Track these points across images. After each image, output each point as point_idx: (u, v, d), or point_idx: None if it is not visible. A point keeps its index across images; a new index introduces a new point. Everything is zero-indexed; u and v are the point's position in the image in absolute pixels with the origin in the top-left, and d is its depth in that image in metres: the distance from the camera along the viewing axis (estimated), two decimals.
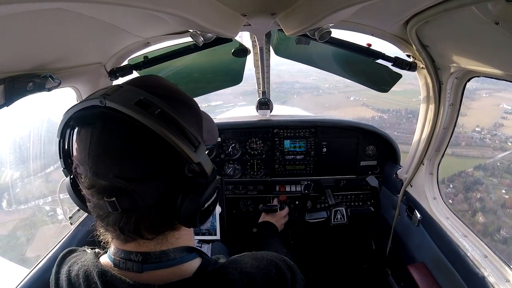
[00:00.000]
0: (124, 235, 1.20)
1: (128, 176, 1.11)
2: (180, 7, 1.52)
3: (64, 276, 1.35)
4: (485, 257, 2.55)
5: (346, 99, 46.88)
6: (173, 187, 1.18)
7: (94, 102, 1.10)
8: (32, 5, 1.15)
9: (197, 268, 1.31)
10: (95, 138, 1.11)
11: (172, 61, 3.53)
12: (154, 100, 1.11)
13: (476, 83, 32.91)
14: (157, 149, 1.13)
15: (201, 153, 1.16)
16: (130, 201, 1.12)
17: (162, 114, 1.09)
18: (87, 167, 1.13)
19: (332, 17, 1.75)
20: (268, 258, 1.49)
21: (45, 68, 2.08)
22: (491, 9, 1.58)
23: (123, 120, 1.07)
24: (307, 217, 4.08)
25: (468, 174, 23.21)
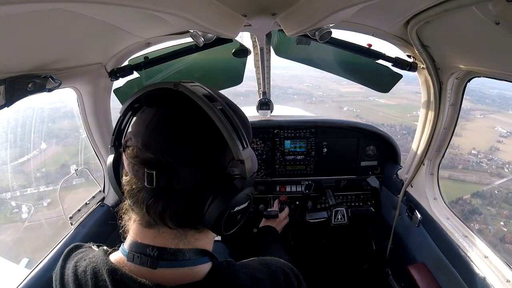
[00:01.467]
0: (149, 216, 1.22)
1: (175, 153, 1.16)
2: (181, 7, 1.52)
3: (70, 271, 1.34)
4: (485, 258, 2.55)
5: (339, 109, 46.48)
6: (210, 180, 1.20)
7: (167, 85, 1.22)
8: (32, 5, 1.15)
9: (208, 272, 1.30)
10: (158, 115, 1.22)
11: (172, 62, 3.54)
12: (218, 98, 1.21)
13: (470, 103, 32.70)
14: (209, 138, 1.20)
15: (247, 154, 1.19)
16: (167, 179, 1.16)
17: (223, 110, 1.17)
18: (140, 138, 1.20)
19: (332, 17, 1.75)
20: (277, 265, 1.49)
21: (45, 68, 2.08)
22: (492, 9, 1.58)
23: (189, 105, 1.18)
24: (308, 217, 4.08)
25: (466, 201, 23.01)
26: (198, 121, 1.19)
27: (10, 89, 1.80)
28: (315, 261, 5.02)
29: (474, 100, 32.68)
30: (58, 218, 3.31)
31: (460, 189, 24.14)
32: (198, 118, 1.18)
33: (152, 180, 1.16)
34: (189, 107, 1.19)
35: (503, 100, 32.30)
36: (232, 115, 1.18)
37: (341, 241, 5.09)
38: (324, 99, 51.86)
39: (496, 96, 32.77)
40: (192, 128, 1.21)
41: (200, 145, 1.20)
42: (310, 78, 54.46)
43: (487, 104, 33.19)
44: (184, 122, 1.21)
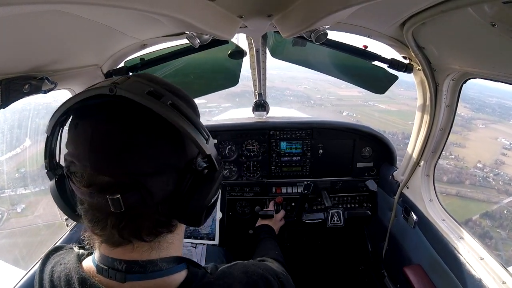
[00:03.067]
0: (123, 238, 1.13)
1: (136, 170, 1.04)
2: (177, 9, 1.52)
3: (47, 276, 1.30)
4: (481, 259, 2.55)
5: (338, 113, 45.86)
6: (182, 182, 1.13)
7: (101, 91, 1.04)
8: (28, 7, 1.15)
9: (181, 283, 1.24)
10: (98, 130, 1.03)
11: (168, 63, 3.54)
12: (164, 91, 1.09)
13: (471, 112, 32.44)
14: (167, 141, 1.09)
15: (211, 145, 1.15)
16: (138, 197, 1.05)
17: (174, 105, 1.07)
18: (85, 162, 1.03)
19: (328, 18, 1.75)
20: (259, 273, 1.45)
21: (41, 70, 2.07)
22: (488, 10, 1.59)
23: (133, 108, 1.03)
24: (305, 218, 4.09)
25: (475, 223, 22.42)
26: (150, 123, 1.06)
27: (6, 90, 1.79)
28: (311, 262, 5.02)
29: (475, 109, 32.57)
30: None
31: (468, 208, 23.49)
32: (148, 121, 1.05)
33: (120, 204, 1.02)
34: (134, 110, 1.04)
35: (503, 110, 32.20)
36: (185, 108, 1.10)
37: (337, 243, 5.09)
38: (323, 102, 51.00)
39: (496, 105, 32.65)
40: (144, 134, 1.06)
41: (160, 150, 1.08)
42: (308, 80, 53.79)
43: (487, 113, 32.97)
44: (134, 129, 1.05)
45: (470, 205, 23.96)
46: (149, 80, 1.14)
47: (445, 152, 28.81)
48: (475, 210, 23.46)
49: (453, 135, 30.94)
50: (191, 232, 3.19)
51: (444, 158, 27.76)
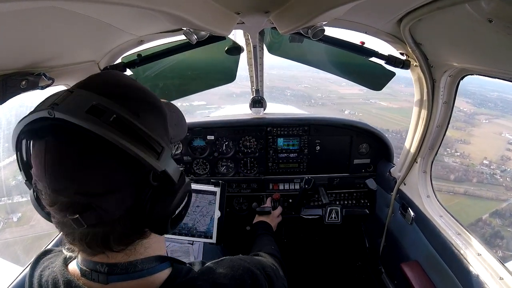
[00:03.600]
0: (91, 250, 1.15)
1: (88, 191, 1.03)
2: (174, 5, 1.52)
3: (36, 280, 1.32)
4: (478, 255, 2.56)
5: (340, 112, 45.16)
6: (140, 197, 1.11)
7: (42, 114, 1.01)
8: (25, 3, 1.14)
9: (164, 280, 1.26)
10: (49, 153, 1.02)
11: (165, 59, 3.54)
12: (109, 104, 1.04)
13: (473, 107, 32.15)
14: (116, 160, 1.04)
15: (165, 159, 1.10)
16: (95, 216, 1.05)
17: (118, 121, 1.02)
18: (45, 183, 1.04)
19: (325, 15, 1.75)
20: (245, 267, 1.46)
21: (38, 66, 2.07)
22: (485, 6, 1.58)
23: (75, 131, 0.99)
24: (303, 213, 4.11)
25: (485, 222, 21.98)
26: (95, 144, 1.01)
27: (3, 86, 1.79)
28: (308, 258, 5.04)
29: (477, 104, 32.41)
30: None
31: (477, 207, 23.20)
32: (94, 141, 1.00)
33: (80, 222, 1.04)
34: (77, 131, 0.99)
35: (505, 104, 32.06)
36: (132, 121, 1.05)
37: (334, 239, 5.10)
38: (324, 101, 50.69)
39: (498, 99, 32.49)
40: (91, 155, 1.03)
41: (109, 171, 1.05)
42: (308, 79, 53.44)
43: (490, 108, 32.80)
44: (80, 151, 1.02)
45: (479, 204, 23.80)
46: (97, 88, 1.12)
47: (451, 150, 28.39)
48: (484, 209, 23.26)
49: (457, 132, 30.57)
50: (189, 229, 3.19)
51: (450, 155, 27.35)
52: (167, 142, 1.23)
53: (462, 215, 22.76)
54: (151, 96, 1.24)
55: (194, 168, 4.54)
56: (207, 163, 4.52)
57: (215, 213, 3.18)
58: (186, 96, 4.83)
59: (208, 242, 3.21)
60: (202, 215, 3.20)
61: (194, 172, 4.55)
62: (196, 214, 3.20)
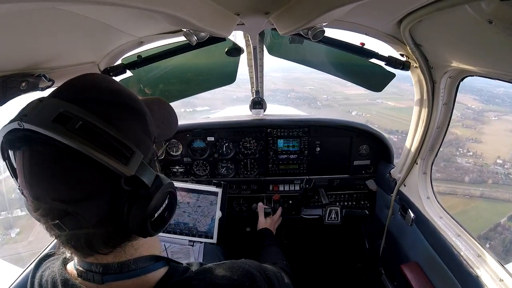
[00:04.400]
0: (79, 252, 1.17)
1: (64, 198, 1.04)
2: (174, 6, 1.52)
3: (37, 281, 1.33)
4: (478, 257, 2.56)
5: (347, 113, 44.10)
6: (116, 202, 1.11)
7: (13, 125, 1.03)
8: (25, 4, 1.14)
9: (160, 279, 1.27)
10: (26, 162, 1.04)
11: (165, 61, 3.54)
12: (77, 111, 1.03)
13: (481, 104, 31.87)
14: (87, 167, 1.03)
15: (135, 164, 1.09)
16: (74, 222, 1.07)
17: (84, 127, 1.02)
18: (26, 191, 1.07)
19: (325, 16, 1.75)
20: (245, 269, 1.45)
21: (38, 67, 2.07)
22: (485, 8, 1.58)
23: (45, 141, 1.00)
24: (303, 213, 4.14)
25: (504, 227, 21.28)
26: (64, 152, 1.01)
27: (3, 88, 1.80)
28: (308, 260, 5.03)
29: (484, 100, 32.13)
30: None
31: (494, 210, 22.76)
32: (63, 149, 1.00)
33: (61, 227, 1.07)
34: (46, 141, 1.00)
35: None
36: (100, 127, 1.04)
37: (334, 240, 5.10)
38: (330, 103, 50.09)
39: (504, 95, 32.24)
40: (62, 164, 1.03)
41: (81, 178, 1.05)
42: (312, 81, 52.79)
43: (497, 104, 32.50)
44: (51, 160, 1.02)
45: (497, 207, 23.31)
46: (69, 93, 1.13)
47: (463, 149, 27.90)
48: (502, 212, 22.71)
49: (468, 130, 30.27)
50: (190, 229, 3.19)
51: (463, 156, 26.89)
52: (145, 144, 1.23)
53: (480, 220, 22.19)
54: (127, 98, 1.23)
55: (194, 169, 4.55)
56: (207, 164, 4.53)
57: (216, 214, 3.18)
58: (187, 98, 4.84)
59: (208, 242, 3.21)
60: (203, 215, 3.21)
61: (194, 173, 4.55)
62: (197, 214, 3.21)
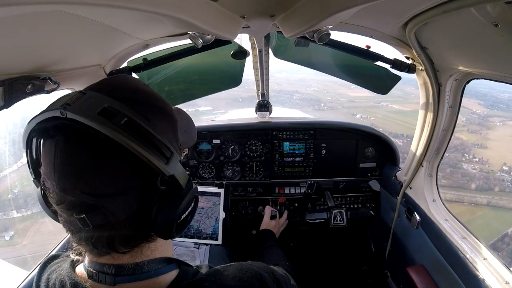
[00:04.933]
0: (98, 250, 1.16)
1: (96, 192, 1.05)
2: (179, 9, 1.52)
3: (43, 284, 1.32)
4: (484, 260, 2.55)
5: (351, 116, 42.63)
6: (146, 200, 1.12)
7: (55, 113, 1.03)
8: (31, 7, 1.15)
9: (171, 281, 1.26)
10: (59, 152, 1.04)
11: (171, 63, 3.54)
12: (120, 107, 1.05)
13: (485, 109, 31.47)
14: (125, 162, 1.05)
15: (174, 164, 1.11)
16: (101, 217, 1.07)
17: (129, 124, 1.03)
18: (53, 182, 1.06)
19: (331, 19, 1.75)
20: (254, 270, 1.45)
21: (44, 70, 2.08)
22: (490, 10, 1.58)
23: (86, 132, 1.00)
24: (308, 217, 4.13)
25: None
26: (105, 146, 1.02)
27: (9, 90, 1.80)
28: (314, 262, 5.02)
29: (489, 105, 31.69)
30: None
31: (501, 219, 21.81)
32: (104, 143, 1.01)
33: (86, 222, 1.06)
34: (88, 132, 1.01)
35: None
36: (143, 126, 1.06)
37: (340, 243, 5.08)
38: (334, 105, 49.71)
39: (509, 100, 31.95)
40: (100, 157, 1.04)
41: (117, 173, 1.07)
42: (316, 82, 52.20)
43: (502, 109, 32.06)
44: (89, 152, 1.04)
45: (504, 216, 22.69)
46: (109, 91, 1.14)
47: (469, 155, 27.31)
48: (510, 221, 22.08)
49: (473, 135, 29.89)
50: (194, 232, 3.20)
51: (469, 162, 26.18)
52: (176, 147, 1.24)
53: (487, 230, 21.07)
54: (162, 102, 1.26)
55: (200, 172, 4.55)
56: (213, 167, 4.54)
57: (220, 215, 3.19)
58: (192, 100, 4.84)
59: (214, 243, 3.22)
60: (207, 217, 3.21)
61: (200, 176, 4.56)
62: (201, 216, 3.22)
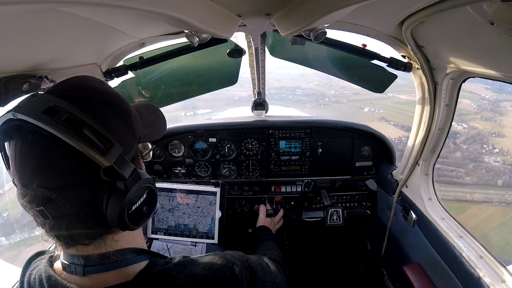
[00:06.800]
0: (61, 241, 1.23)
1: (49, 185, 1.12)
2: (175, 8, 1.52)
3: (26, 280, 1.37)
4: (480, 258, 2.55)
5: (359, 110, 43.66)
6: (96, 192, 1.17)
7: (8, 116, 1.12)
8: (26, 6, 1.15)
9: (140, 271, 1.31)
10: (17, 150, 1.13)
11: (167, 62, 3.54)
12: (65, 105, 1.12)
13: (494, 94, 31.00)
14: (71, 157, 1.11)
15: (113, 155, 1.15)
16: (57, 209, 1.14)
17: (69, 120, 1.10)
18: (16, 178, 1.16)
19: (327, 17, 1.75)
20: (226, 258, 1.50)
21: (40, 68, 2.07)
22: (486, 9, 1.58)
23: (34, 130, 1.08)
24: (304, 216, 4.13)
25: None
26: (51, 142, 1.09)
27: (4, 89, 1.80)
28: (310, 261, 5.03)
29: (497, 89, 31.14)
30: None
31: None
32: (50, 139, 1.09)
33: (45, 214, 1.15)
34: (36, 131, 1.09)
35: None
36: (84, 120, 1.12)
37: (336, 241, 5.10)
38: (339, 99, 49.44)
39: None
40: (48, 153, 1.12)
41: (64, 166, 1.14)
42: (318, 76, 51.25)
43: (510, 92, 31.78)
44: (40, 148, 1.11)
45: None
46: (60, 91, 1.21)
47: (488, 146, 26.03)
48: None
49: (488, 123, 28.92)
50: (190, 230, 3.20)
51: (489, 153, 25.74)
52: (128, 141, 1.31)
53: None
54: (114, 98, 1.32)
55: (196, 170, 4.56)
56: (209, 166, 4.54)
57: (216, 214, 3.19)
58: (188, 99, 4.84)
59: (210, 242, 3.22)
60: (203, 215, 3.21)
61: (196, 174, 4.56)
62: (197, 215, 3.22)
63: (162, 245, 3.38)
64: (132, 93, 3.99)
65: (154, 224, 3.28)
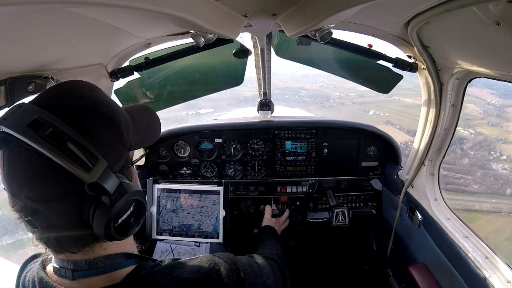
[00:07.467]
0: (51, 248, 1.25)
1: (36, 197, 1.12)
2: (181, 8, 1.52)
3: (21, 282, 1.40)
4: (486, 258, 2.55)
5: (364, 113, 42.49)
6: (82, 205, 1.16)
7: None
8: (33, 6, 1.16)
9: (128, 274, 1.32)
10: (5, 161, 1.12)
11: (173, 62, 3.54)
12: (50, 118, 1.10)
13: (499, 99, 30.48)
14: (55, 170, 1.09)
15: (97, 171, 1.14)
16: (45, 220, 1.15)
17: (53, 134, 1.08)
18: (6, 187, 1.15)
19: (333, 18, 1.75)
20: (214, 261, 1.51)
21: (46, 69, 2.08)
22: (492, 9, 1.58)
23: (19, 144, 1.07)
24: (309, 217, 4.12)
25: None
26: (36, 156, 1.08)
27: (10, 89, 1.81)
28: (316, 261, 5.02)
29: (502, 94, 30.79)
30: None
31: None
32: (34, 152, 1.08)
33: (34, 224, 1.16)
34: (20, 144, 1.08)
35: None
36: (69, 134, 1.10)
37: (341, 242, 5.09)
38: (344, 101, 48.58)
39: None
40: (34, 166, 1.10)
41: (50, 180, 1.12)
42: (322, 77, 50.80)
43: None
44: (25, 161, 1.10)
45: None
46: (50, 99, 1.21)
47: (495, 153, 25.56)
48: None
49: (495, 129, 28.45)
50: (195, 230, 3.20)
51: (497, 160, 25.16)
52: (118, 151, 1.30)
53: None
54: (103, 106, 1.27)
55: (202, 170, 4.56)
56: (215, 166, 4.55)
57: (220, 213, 3.19)
58: (194, 99, 4.84)
59: (215, 242, 3.22)
60: (207, 215, 3.21)
61: (202, 174, 4.57)
62: (201, 215, 3.22)
63: (166, 247, 3.39)
64: (137, 94, 4.00)
65: (159, 226, 3.29)
